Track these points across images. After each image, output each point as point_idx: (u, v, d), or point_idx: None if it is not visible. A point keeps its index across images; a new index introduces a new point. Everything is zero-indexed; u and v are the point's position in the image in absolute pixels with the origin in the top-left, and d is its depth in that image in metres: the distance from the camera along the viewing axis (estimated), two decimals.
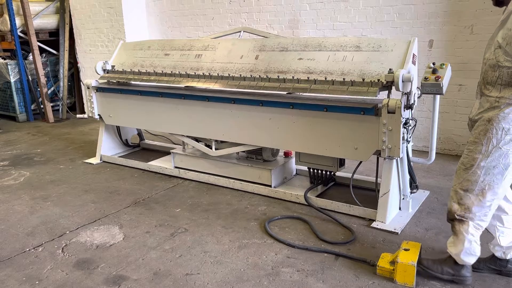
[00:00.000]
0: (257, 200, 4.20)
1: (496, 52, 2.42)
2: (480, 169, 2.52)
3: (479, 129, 2.52)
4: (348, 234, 3.48)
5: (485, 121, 2.48)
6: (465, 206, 2.59)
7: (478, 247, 2.66)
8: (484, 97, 2.53)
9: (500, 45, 2.39)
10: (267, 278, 2.92)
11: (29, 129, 7.67)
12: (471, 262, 2.70)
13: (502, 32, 2.40)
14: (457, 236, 2.66)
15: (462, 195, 2.60)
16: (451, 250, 2.72)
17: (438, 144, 5.36)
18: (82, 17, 8.13)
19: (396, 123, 3.39)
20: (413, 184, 3.92)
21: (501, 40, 2.39)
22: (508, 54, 2.35)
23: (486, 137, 2.47)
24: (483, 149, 2.49)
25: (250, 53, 4.37)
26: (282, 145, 4.22)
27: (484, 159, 2.50)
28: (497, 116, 2.43)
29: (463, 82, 5.18)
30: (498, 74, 2.42)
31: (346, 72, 3.75)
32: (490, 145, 2.47)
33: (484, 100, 2.53)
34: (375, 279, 2.86)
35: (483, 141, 2.49)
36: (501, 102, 2.42)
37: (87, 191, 4.61)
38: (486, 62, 2.52)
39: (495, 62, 2.43)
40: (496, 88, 2.45)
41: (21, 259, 3.29)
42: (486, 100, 2.51)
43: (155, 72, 4.85)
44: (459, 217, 2.61)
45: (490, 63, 2.46)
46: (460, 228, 2.63)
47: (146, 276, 2.99)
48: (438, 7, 5.19)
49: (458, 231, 2.65)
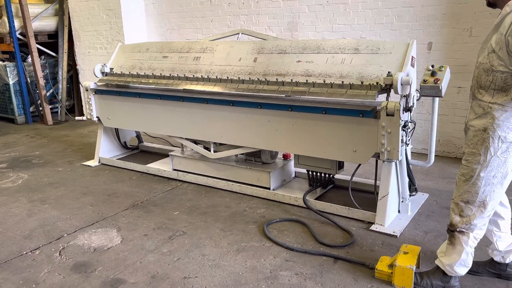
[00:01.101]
0: (255, 203, 4.18)
1: (490, 56, 2.41)
2: (480, 180, 2.51)
3: (476, 139, 2.50)
4: (347, 237, 3.47)
5: (481, 130, 2.47)
6: (467, 218, 2.58)
7: (471, 260, 2.65)
8: (475, 101, 2.52)
9: (494, 50, 2.38)
10: (266, 281, 2.90)
11: (28, 132, 7.66)
12: (463, 273, 2.68)
13: (495, 36, 2.39)
14: (453, 246, 2.64)
15: (463, 207, 2.59)
16: (444, 260, 2.69)
17: (437, 146, 5.35)
18: (81, 19, 8.13)
19: (395, 125, 3.38)
20: (412, 186, 3.91)
21: (494, 44, 2.38)
22: (501, 58, 2.35)
23: (484, 146, 2.46)
24: (481, 159, 2.48)
25: (248, 55, 4.36)
26: (281, 148, 4.21)
27: (483, 169, 2.49)
28: (492, 124, 2.42)
29: (462, 85, 5.18)
30: (492, 78, 2.41)
31: (344, 74, 3.74)
32: (488, 155, 2.46)
33: (475, 105, 2.52)
34: (373, 282, 2.85)
35: (481, 151, 2.48)
36: (493, 108, 2.41)
37: (85, 193, 4.60)
38: (479, 66, 2.51)
39: (489, 67, 2.42)
40: (489, 92, 2.44)
41: (18, 262, 3.27)
42: (478, 105, 2.49)
43: (154, 75, 4.85)
44: (460, 229, 2.60)
45: (484, 67, 2.45)
46: (460, 239, 2.61)
47: (144, 280, 2.98)
48: (437, 9, 5.19)
49: (457, 242, 2.62)
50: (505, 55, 2.32)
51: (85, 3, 7.94)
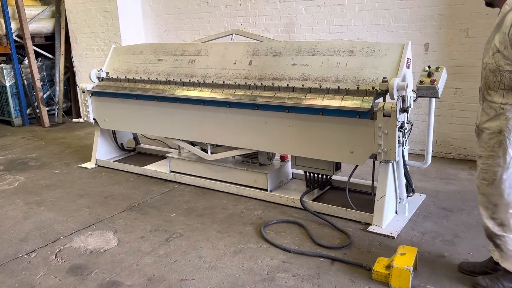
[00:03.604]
0: (253, 204, 4.17)
1: (495, 56, 2.40)
2: (503, 183, 2.51)
3: (492, 142, 2.50)
4: (344, 238, 3.46)
5: (496, 133, 2.47)
6: (499, 220, 2.58)
7: None
8: (486, 103, 2.52)
9: (499, 49, 2.38)
10: (263, 283, 2.89)
11: (25, 134, 7.63)
12: None
13: (498, 36, 2.39)
14: (503, 251, 2.63)
15: (493, 210, 2.59)
16: (506, 265, 2.65)
17: (434, 147, 5.35)
18: (78, 21, 8.11)
19: (391, 126, 3.38)
20: (410, 187, 3.91)
21: (498, 44, 2.37)
22: (507, 58, 2.34)
23: (501, 148, 2.47)
24: (501, 161, 2.49)
25: (243, 58, 4.35)
26: (278, 149, 4.20)
27: (505, 171, 2.49)
28: (506, 126, 2.43)
29: (459, 85, 5.18)
30: (500, 78, 2.41)
31: (340, 78, 3.73)
32: (507, 156, 2.47)
33: (487, 106, 2.52)
34: (371, 283, 2.84)
35: (499, 153, 2.48)
36: (506, 109, 2.42)
37: (82, 195, 4.58)
38: (485, 67, 2.51)
39: (495, 67, 2.41)
40: (498, 93, 2.43)
41: (14, 265, 3.25)
42: (490, 107, 2.50)
43: (150, 80, 4.83)
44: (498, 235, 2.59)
45: (490, 68, 2.45)
46: (503, 246, 2.60)
47: (140, 282, 2.96)
48: (434, 10, 5.19)
49: (503, 248, 2.61)
50: (510, 53, 2.32)
51: (82, 5, 7.92)
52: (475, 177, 2.73)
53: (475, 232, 3.46)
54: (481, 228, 3.51)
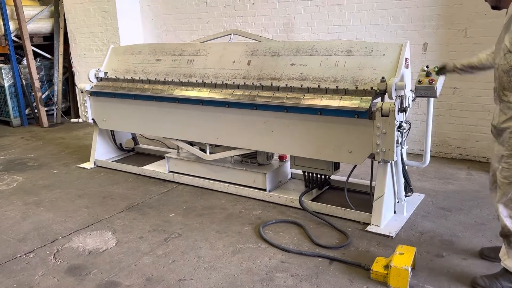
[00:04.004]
0: (251, 204, 4.17)
1: (507, 56, 2.41)
2: None
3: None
4: (342, 238, 3.47)
5: None
6: None
7: None
8: (503, 104, 2.54)
9: (510, 50, 2.38)
10: (261, 283, 2.89)
11: (23, 134, 7.62)
12: None
13: (508, 36, 2.40)
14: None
15: None
16: (508, 263, 2.66)
17: (432, 147, 5.36)
18: (76, 21, 8.10)
19: (390, 126, 3.38)
20: (408, 187, 3.91)
21: (509, 45, 2.38)
22: None
23: None
24: None
25: (242, 58, 4.35)
26: (277, 149, 4.20)
27: None
28: None
29: (458, 85, 5.19)
30: None
31: (339, 78, 3.74)
32: None
33: (504, 107, 2.53)
34: (369, 283, 2.84)
35: None
36: None
37: (81, 196, 4.58)
38: (498, 68, 2.52)
39: (508, 67, 2.42)
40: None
41: (12, 265, 3.25)
42: (507, 107, 2.51)
43: (149, 80, 4.83)
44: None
45: (503, 68, 2.45)
46: None
47: (139, 282, 2.96)
48: (432, 10, 5.20)
49: None
50: None
51: (80, 5, 7.92)
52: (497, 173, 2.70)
53: (473, 232, 3.47)
54: (479, 227, 3.54)
